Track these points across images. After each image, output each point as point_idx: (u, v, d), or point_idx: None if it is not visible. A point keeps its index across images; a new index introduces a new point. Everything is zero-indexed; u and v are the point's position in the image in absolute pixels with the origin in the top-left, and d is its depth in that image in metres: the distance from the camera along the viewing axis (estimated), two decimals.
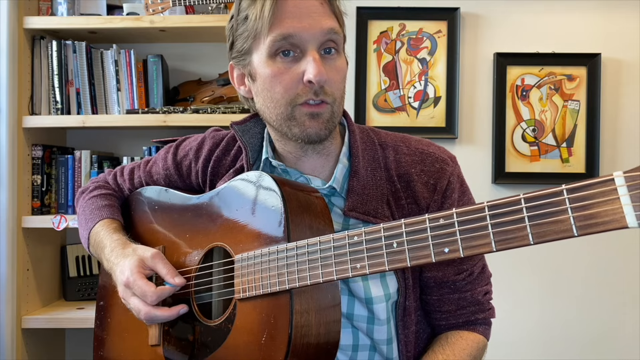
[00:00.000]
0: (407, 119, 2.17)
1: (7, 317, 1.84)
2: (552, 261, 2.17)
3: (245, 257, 0.86)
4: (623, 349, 2.15)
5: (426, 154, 0.99)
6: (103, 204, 1.15)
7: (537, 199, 0.59)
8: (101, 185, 1.21)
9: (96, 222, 1.11)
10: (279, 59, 0.89)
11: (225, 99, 2.07)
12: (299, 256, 0.79)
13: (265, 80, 0.91)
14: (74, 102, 1.97)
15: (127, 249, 1.01)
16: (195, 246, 0.98)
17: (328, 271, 0.76)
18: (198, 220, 0.99)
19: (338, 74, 0.92)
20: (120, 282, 0.97)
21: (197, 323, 0.95)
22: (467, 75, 2.19)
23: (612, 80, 2.17)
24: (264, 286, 0.82)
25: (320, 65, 0.87)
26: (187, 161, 1.11)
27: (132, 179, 1.20)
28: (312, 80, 0.87)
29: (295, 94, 0.89)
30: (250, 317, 0.85)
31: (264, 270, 0.82)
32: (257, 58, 0.91)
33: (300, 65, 0.88)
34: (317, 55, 0.88)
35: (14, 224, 1.86)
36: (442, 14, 2.15)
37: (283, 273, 0.80)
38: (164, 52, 2.07)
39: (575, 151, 2.17)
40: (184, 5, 1.94)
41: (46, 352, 2.04)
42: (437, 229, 0.66)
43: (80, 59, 1.96)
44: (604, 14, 2.17)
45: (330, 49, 0.90)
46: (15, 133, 1.87)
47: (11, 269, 1.85)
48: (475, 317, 1.01)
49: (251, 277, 0.84)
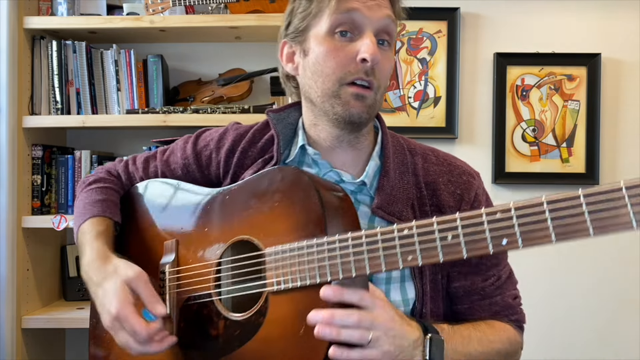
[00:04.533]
0: (407, 119, 2.17)
1: (7, 317, 1.84)
2: (552, 262, 2.17)
3: (279, 250, 0.84)
4: (623, 349, 2.15)
5: (454, 165, 1.02)
6: (97, 199, 1.09)
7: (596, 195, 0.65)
8: (102, 178, 1.15)
9: (86, 218, 1.06)
10: (337, 37, 0.92)
11: (225, 99, 2.07)
12: (342, 249, 0.79)
13: (318, 55, 0.93)
14: (74, 102, 1.96)
15: (107, 265, 0.95)
16: (216, 239, 0.95)
17: (376, 263, 0.76)
18: (219, 213, 0.97)
19: (388, 65, 0.96)
20: (106, 311, 0.91)
21: (221, 318, 0.92)
22: (467, 75, 2.18)
23: (612, 80, 2.17)
24: (302, 278, 0.81)
25: (376, 46, 0.91)
26: (207, 151, 1.08)
27: (146, 167, 1.14)
28: (367, 58, 0.90)
29: (347, 71, 0.91)
30: (285, 309, 0.84)
31: (302, 263, 0.81)
32: (314, 35, 0.94)
33: (356, 45, 0.91)
34: (374, 39, 0.91)
35: (14, 224, 1.86)
36: (442, 14, 2.15)
37: (324, 265, 0.79)
38: (164, 52, 2.07)
39: (575, 151, 2.17)
40: (184, 5, 1.94)
41: (46, 352, 2.03)
42: (495, 222, 0.68)
43: (80, 59, 1.96)
44: (604, 14, 2.17)
45: (383, 40, 0.94)
46: (15, 133, 1.87)
47: (11, 269, 1.85)
48: (508, 319, 1.01)
49: (287, 270, 0.83)
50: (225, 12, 1.97)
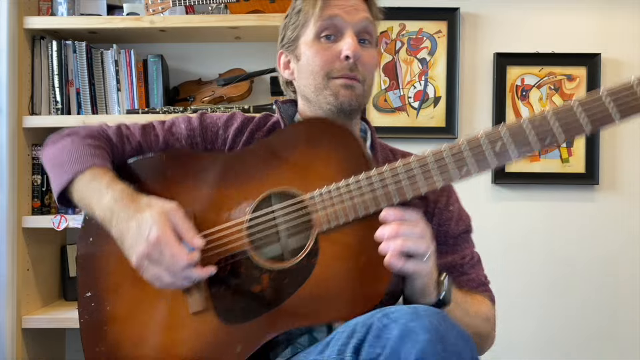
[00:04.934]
0: (407, 119, 2.17)
1: (7, 317, 1.84)
2: (551, 261, 2.17)
3: (323, 191, 0.91)
4: (623, 349, 2.15)
5: None
6: (95, 153, 1.02)
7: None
8: (97, 136, 1.07)
9: (87, 166, 0.99)
10: (323, 40, 1.04)
11: (225, 99, 2.07)
12: (394, 176, 0.88)
13: (309, 57, 1.05)
14: (74, 102, 1.96)
15: (138, 201, 0.93)
16: (242, 198, 0.96)
17: (431, 181, 0.86)
18: (240, 173, 0.98)
19: (370, 60, 1.06)
20: (143, 240, 0.88)
21: (263, 271, 0.92)
22: (467, 75, 2.19)
23: (612, 80, 2.13)
24: (355, 212, 0.88)
25: (356, 44, 1.02)
26: (214, 128, 1.11)
27: (146, 134, 1.10)
28: (349, 55, 1.00)
29: (332, 68, 1.02)
30: (340, 245, 0.89)
31: (352, 198, 0.88)
32: (304, 41, 1.06)
33: (339, 45, 1.03)
34: (354, 38, 1.03)
35: (14, 224, 1.86)
36: (442, 14, 2.16)
37: (377, 195, 0.88)
38: (164, 52, 2.07)
39: (575, 151, 2.17)
40: (184, 5, 1.94)
41: (46, 352, 2.03)
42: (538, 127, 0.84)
43: (80, 59, 1.96)
44: (604, 14, 2.17)
45: (364, 39, 1.06)
46: (15, 133, 1.87)
47: (11, 269, 1.85)
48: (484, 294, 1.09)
49: (336, 207, 0.89)
50: (225, 12, 1.97)
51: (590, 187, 2.17)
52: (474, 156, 0.85)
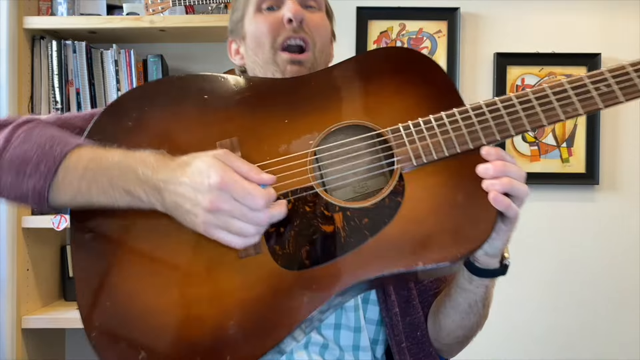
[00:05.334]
0: None
1: (7, 317, 1.84)
2: (551, 261, 2.17)
3: (412, 123, 0.84)
4: (623, 349, 2.15)
5: None
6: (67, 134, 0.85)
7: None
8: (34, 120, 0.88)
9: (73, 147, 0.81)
10: (265, 12, 1.01)
11: None
12: (492, 112, 0.82)
13: (254, 31, 1.01)
14: (74, 102, 1.96)
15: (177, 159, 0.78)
16: (305, 130, 0.86)
17: (535, 119, 0.81)
18: (303, 102, 0.89)
19: (319, 21, 1.02)
20: (203, 190, 0.73)
21: (337, 210, 0.81)
22: (467, 75, 2.19)
23: None
24: (449, 147, 0.81)
25: (298, 7, 0.98)
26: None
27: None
28: (291, 17, 0.97)
29: (277, 34, 0.98)
30: (430, 183, 0.81)
31: (445, 132, 0.82)
32: (248, 19, 1.03)
33: (281, 12, 0.99)
34: (295, 2, 0.99)
35: (14, 224, 1.86)
36: (442, 14, 2.15)
37: (475, 130, 0.81)
38: (164, 52, 2.07)
39: (575, 151, 2.17)
40: (184, 5, 1.94)
41: (46, 352, 2.03)
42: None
43: (80, 59, 1.96)
44: (604, 14, 2.17)
45: (310, 6, 1.02)
46: None
47: (11, 269, 1.85)
48: None
49: (425, 142, 0.82)
50: (225, 12, 1.97)
51: (591, 187, 2.17)
52: (576, 95, 0.81)
